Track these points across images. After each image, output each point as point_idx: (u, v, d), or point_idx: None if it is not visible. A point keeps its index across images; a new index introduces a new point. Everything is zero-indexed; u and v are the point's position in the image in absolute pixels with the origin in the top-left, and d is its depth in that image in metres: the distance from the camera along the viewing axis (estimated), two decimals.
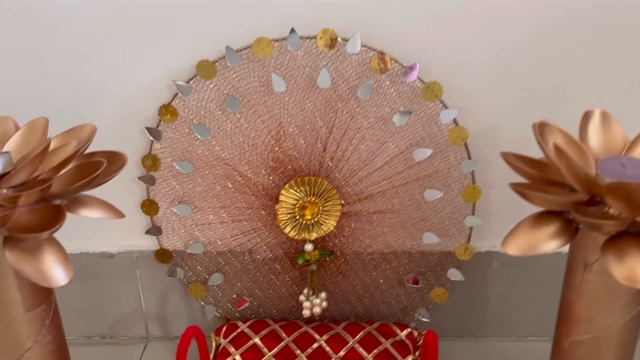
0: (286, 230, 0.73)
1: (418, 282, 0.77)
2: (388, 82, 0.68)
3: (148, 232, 0.77)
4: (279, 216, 0.73)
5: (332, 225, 0.74)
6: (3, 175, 0.51)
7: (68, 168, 0.54)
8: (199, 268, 0.78)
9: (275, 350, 0.75)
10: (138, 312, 0.84)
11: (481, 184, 0.72)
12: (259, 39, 0.66)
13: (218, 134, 0.71)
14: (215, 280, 0.78)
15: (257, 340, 0.76)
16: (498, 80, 0.70)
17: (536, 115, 0.59)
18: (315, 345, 0.75)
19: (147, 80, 0.70)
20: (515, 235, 0.51)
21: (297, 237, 0.74)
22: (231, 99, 0.69)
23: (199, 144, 0.71)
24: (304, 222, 0.73)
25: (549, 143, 0.52)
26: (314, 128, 0.70)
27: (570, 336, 0.57)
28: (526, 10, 0.66)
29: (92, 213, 0.56)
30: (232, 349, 0.75)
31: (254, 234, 0.76)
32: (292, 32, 0.65)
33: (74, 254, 0.80)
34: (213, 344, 0.77)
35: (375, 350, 0.74)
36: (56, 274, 0.50)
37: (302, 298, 0.77)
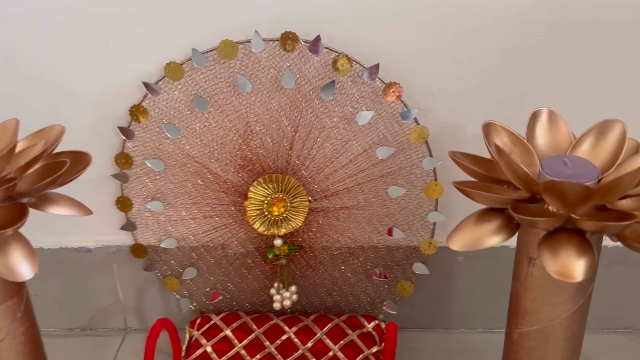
0: (255, 225, 0.76)
1: (385, 276, 0.80)
2: (350, 83, 0.70)
3: (123, 228, 0.79)
4: (248, 212, 0.75)
5: (300, 221, 0.76)
6: None
7: (35, 168, 0.57)
8: (173, 262, 0.81)
9: (245, 341, 0.77)
10: (116, 305, 0.87)
11: (443, 181, 0.74)
12: (224, 41, 0.68)
13: (187, 133, 0.73)
14: (189, 274, 0.81)
15: (229, 332, 0.78)
16: (458, 81, 0.72)
17: (496, 114, 0.61)
18: (284, 336, 0.78)
19: (119, 81, 0.72)
20: (459, 231, 0.53)
21: (267, 233, 0.76)
22: (199, 100, 0.71)
23: (170, 143, 0.74)
24: (273, 218, 0.76)
25: (493, 143, 0.54)
26: (280, 127, 0.72)
27: (519, 328, 0.59)
28: (485, 13, 0.68)
29: (61, 210, 0.59)
30: (204, 341, 0.77)
31: (225, 230, 0.78)
32: (256, 35, 0.68)
33: (54, 249, 0.83)
34: (187, 336, 0.80)
35: (341, 341, 0.76)
36: (22, 269, 0.52)
37: (273, 291, 0.79)
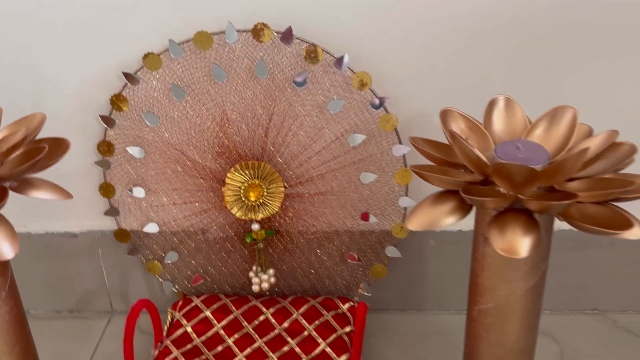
0: (233, 211, 0.79)
1: (359, 260, 0.83)
2: (321, 72, 0.73)
3: (107, 213, 0.82)
4: (226, 198, 0.78)
5: (277, 206, 0.79)
6: None
7: (16, 153, 0.60)
8: (156, 247, 0.84)
9: (224, 322, 0.80)
10: (102, 288, 0.90)
11: None
12: (200, 32, 0.71)
13: (166, 121, 0.76)
14: (170, 258, 0.84)
15: (208, 313, 0.81)
16: (427, 71, 0.74)
17: (462, 104, 0.64)
18: (261, 317, 0.81)
19: (99, 71, 0.75)
20: (417, 212, 0.56)
21: (244, 218, 0.79)
22: (177, 89, 0.74)
23: (149, 131, 0.77)
24: (250, 204, 0.79)
25: (448, 129, 0.57)
26: (255, 115, 0.75)
27: (477, 305, 0.62)
28: (451, 5, 0.71)
29: (42, 194, 0.62)
30: (185, 322, 0.81)
31: (205, 215, 0.81)
32: (229, 26, 0.70)
33: (41, 234, 0.86)
34: (169, 318, 0.83)
35: (316, 321, 0.79)
36: (3, 249, 0.55)
37: (252, 274, 0.83)
